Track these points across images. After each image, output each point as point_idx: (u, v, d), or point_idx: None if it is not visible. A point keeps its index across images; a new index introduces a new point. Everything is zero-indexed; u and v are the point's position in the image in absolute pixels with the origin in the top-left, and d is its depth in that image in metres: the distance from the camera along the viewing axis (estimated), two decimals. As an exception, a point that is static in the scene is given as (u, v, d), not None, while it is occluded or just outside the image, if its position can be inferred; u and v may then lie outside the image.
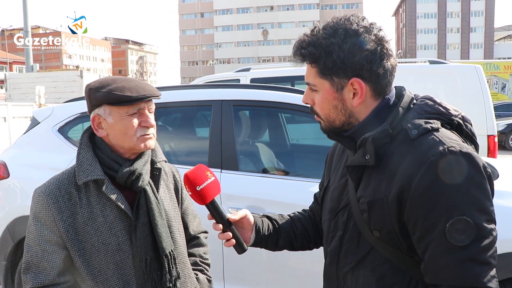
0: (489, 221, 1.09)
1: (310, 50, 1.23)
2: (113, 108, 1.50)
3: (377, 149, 1.20)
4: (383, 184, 1.19)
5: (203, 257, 1.83)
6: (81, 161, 1.51)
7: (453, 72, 6.05)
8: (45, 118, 3.52)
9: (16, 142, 3.66)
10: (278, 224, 1.55)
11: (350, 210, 1.29)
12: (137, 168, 1.52)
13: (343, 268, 1.30)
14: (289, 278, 2.87)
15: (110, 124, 1.51)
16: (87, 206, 1.49)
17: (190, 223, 1.80)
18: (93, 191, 1.50)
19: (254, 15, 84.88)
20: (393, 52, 1.25)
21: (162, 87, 3.67)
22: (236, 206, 2.94)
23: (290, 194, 2.94)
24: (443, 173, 1.09)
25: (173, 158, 3.68)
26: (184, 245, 1.69)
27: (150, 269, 1.51)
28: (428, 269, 1.13)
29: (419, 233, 1.13)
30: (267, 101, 3.24)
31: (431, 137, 1.14)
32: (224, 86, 3.71)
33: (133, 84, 1.51)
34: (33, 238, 1.47)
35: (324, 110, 1.28)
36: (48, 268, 1.45)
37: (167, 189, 1.69)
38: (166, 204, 1.64)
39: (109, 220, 1.49)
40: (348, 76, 1.22)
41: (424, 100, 1.27)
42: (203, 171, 1.41)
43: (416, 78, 6.24)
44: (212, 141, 3.16)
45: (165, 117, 3.91)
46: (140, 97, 1.49)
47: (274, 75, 6.71)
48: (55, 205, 1.47)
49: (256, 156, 3.54)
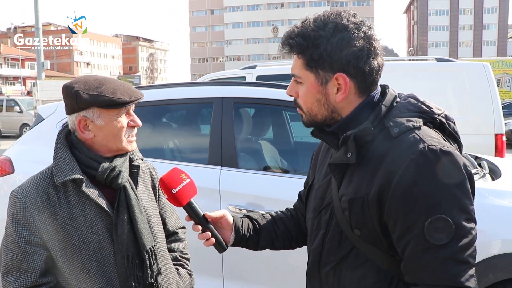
0: (468, 220, 1.08)
1: (298, 41, 1.23)
2: (103, 111, 1.49)
3: (358, 147, 1.20)
4: (364, 182, 1.19)
5: (182, 252, 1.84)
6: (58, 161, 1.50)
7: (460, 70, 6.00)
8: (50, 114, 3.56)
9: (21, 139, 3.71)
10: (258, 224, 1.56)
11: (333, 209, 1.29)
12: (117, 165, 1.53)
13: (325, 266, 1.30)
14: (288, 276, 2.88)
15: (99, 126, 1.50)
16: (66, 205, 1.47)
17: (168, 219, 1.82)
18: (71, 191, 1.49)
19: (264, 12, 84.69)
20: (381, 51, 1.25)
21: (164, 84, 3.69)
22: (235, 203, 2.95)
23: (290, 192, 2.89)
24: (423, 171, 1.09)
25: (176, 154, 3.71)
26: (164, 240, 1.70)
27: (132, 265, 1.51)
28: (407, 268, 1.13)
29: (399, 232, 1.13)
30: (268, 98, 3.25)
31: (412, 135, 1.14)
32: (225, 83, 3.73)
33: (120, 84, 1.52)
34: (12, 241, 1.45)
35: (307, 104, 1.28)
36: (29, 270, 1.43)
37: (144, 186, 1.70)
38: (145, 201, 1.65)
39: (89, 218, 1.48)
40: (334, 70, 1.22)
41: (407, 98, 1.27)
42: (178, 174, 1.43)
43: (423, 76, 6.20)
44: (213, 138, 3.16)
45: (167, 114, 3.94)
46: (132, 99, 1.50)
47: (280, 72, 6.69)
48: (34, 206, 1.46)
49: (257, 153, 3.54)
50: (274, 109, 3.75)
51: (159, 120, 3.81)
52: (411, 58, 7.96)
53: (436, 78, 6.14)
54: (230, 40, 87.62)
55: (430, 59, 6.69)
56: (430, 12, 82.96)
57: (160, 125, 3.81)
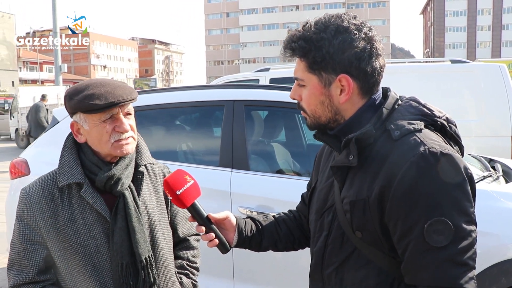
0: (468, 222, 1.08)
1: (300, 44, 1.24)
2: (87, 116, 1.49)
3: (360, 150, 1.21)
4: (365, 184, 1.19)
5: (191, 260, 1.80)
6: (62, 163, 1.53)
7: (475, 71, 5.93)
8: (65, 117, 3.62)
9: (37, 141, 3.78)
10: (261, 226, 1.57)
11: (335, 211, 1.30)
12: (115, 173, 1.52)
13: (328, 268, 1.31)
14: (299, 278, 2.87)
15: (86, 130, 1.51)
16: (68, 207, 1.50)
17: (179, 225, 1.78)
18: (74, 193, 1.51)
19: (279, 14, 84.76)
20: (383, 52, 1.26)
21: (177, 87, 3.73)
22: (245, 205, 2.96)
23: (300, 194, 2.93)
24: (423, 173, 1.09)
25: (188, 156, 3.74)
26: (168, 248, 1.68)
27: (126, 274, 1.51)
28: (407, 270, 1.14)
29: (399, 234, 1.13)
30: (279, 101, 3.25)
31: (412, 138, 1.15)
32: (237, 86, 3.74)
33: (104, 90, 1.47)
34: (16, 237, 1.50)
35: (311, 106, 1.29)
36: (28, 266, 1.47)
37: (154, 191, 1.67)
38: (151, 207, 1.63)
39: (88, 222, 1.50)
40: (337, 72, 1.22)
41: (408, 101, 1.27)
42: (182, 176, 1.43)
43: (438, 77, 6.13)
44: (224, 140, 3.19)
45: (180, 117, 3.97)
46: (107, 104, 1.44)
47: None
48: (37, 205, 1.49)
49: (269, 155, 3.55)
50: (286, 112, 3.75)
51: (172, 123, 3.85)
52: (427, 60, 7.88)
53: (451, 80, 6.08)
54: (246, 42, 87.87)
55: (445, 61, 6.62)
56: (447, 13, 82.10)
57: (173, 127, 3.84)
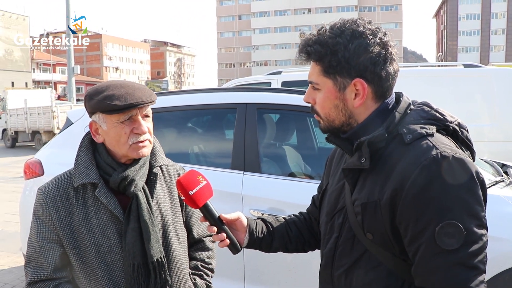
0: (479, 226, 1.09)
1: (316, 48, 1.26)
2: (106, 116, 1.51)
3: (372, 152, 1.22)
4: (377, 187, 1.20)
5: (205, 261, 1.81)
6: (78, 163, 1.55)
7: (488, 75, 5.90)
8: (78, 119, 3.68)
9: (51, 142, 3.83)
10: (272, 227, 1.59)
11: (346, 213, 1.31)
12: (129, 174, 1.54)
13: (337, 270, 1.32)
14: (309, 280, 2.88)
15: (105, 131, 1.53)
16: (83, 207, 1.53)
17: (194, 226, 1.79)
18: (89, 193, 1.54)
19: (291, 17, 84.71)
20: (396, 57, 1.27)
21: (189, 90, 3.75)
22: (257, 208, 2.98)
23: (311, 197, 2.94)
24: (435, 177, 1.10)
25: (200, 159, 3.76)
26: (182, 249, 1.69)
27: (137, 274, 1.53)
28: (417, 273, 1.14)
29: (410, 236, 1.14)
30: (291, 104, 3.27)
31: (424, 142, 1.16)
32: (249, 89, 3.76)
33: (124, 91, 1.49)
34: (33, 235, 1.54)
35: (325, 109, 1.31)
36: (44, 264, 1.51)
37: (168, 192, 1.69)
38: (165, 208, 1.64)
39: (102, 222, 1.52)
40: (352, 76, 1.24)
41: (420, 106, 1.29)
42: (195, 176, 1.44)
43: (450, 82, 6.11)
44: (236, 143, 3.21)
45: (193, 119, 4.00)
46: (127, 105, 1.47)
47: (306, 78, 6.67)
48: (53, 204, 1.52)
49: (281, 158, 3.56)
50: (298, 115, 3.76)
51: (184, 125, 3.88)
52: (439, 64, 7.85)
53: (464, 84, 6.05)
54: (257, 45, 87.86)
55: (458, 65, 6.60)
56: (460, 17, 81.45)
57: (186, 129, 3.87)
